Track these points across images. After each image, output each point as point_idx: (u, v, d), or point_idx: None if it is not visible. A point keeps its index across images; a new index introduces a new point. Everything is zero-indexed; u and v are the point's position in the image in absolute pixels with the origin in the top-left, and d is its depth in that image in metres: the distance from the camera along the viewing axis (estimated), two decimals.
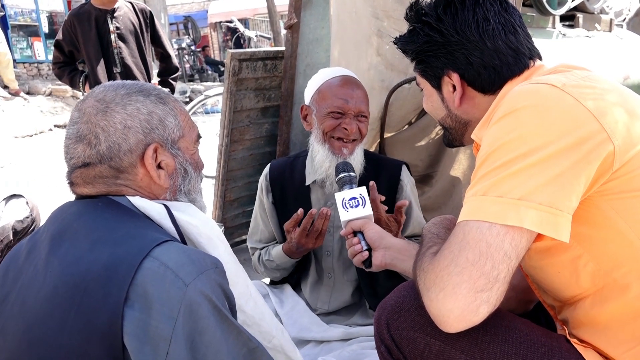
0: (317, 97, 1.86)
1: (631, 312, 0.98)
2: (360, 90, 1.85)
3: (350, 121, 1.80)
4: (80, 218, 1.00)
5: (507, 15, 1.19)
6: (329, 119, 1.80)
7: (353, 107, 1.80)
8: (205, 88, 11.31)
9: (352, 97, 1.80)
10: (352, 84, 1.85)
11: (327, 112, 1.80)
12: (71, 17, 3.44)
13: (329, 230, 1.90)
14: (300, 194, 1.94)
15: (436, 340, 1.07)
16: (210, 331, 0.88)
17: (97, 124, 1.02)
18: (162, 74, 3.75)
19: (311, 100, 1.88)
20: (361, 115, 1.83)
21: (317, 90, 1.87)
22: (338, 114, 1.80)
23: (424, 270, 0.99)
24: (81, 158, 1.03)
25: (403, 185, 1.93)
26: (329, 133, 1.81)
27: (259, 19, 19.46)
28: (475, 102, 1.23)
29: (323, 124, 1.81)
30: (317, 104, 1.85)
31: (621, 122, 0.96)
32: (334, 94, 1.81)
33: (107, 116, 1.02)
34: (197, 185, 1.17)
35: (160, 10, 13.55)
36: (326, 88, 1.84)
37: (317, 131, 1.84)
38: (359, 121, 1.82)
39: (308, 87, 1.93)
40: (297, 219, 1.74)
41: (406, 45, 1.28)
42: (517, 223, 0.90)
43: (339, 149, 1.80)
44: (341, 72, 1.90)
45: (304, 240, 1.75)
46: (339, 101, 1.79)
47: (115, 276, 0.88)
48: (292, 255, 1.86)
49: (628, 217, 0.96)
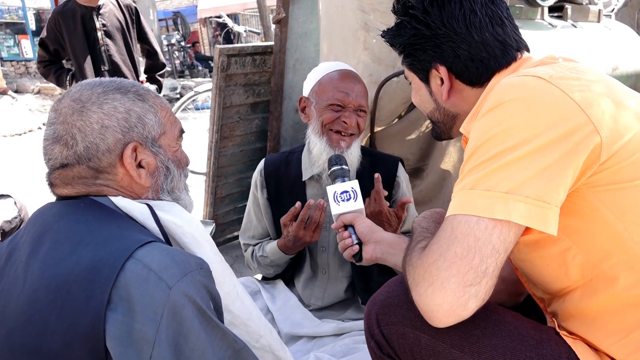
0: (318, 89, 1.86)
1: (619, 303, 0.98)
2: (361, 85, 1.86)
3: (350, 114, 1.80)
4: (61, 220, 0.98)
5: (494, 7, 1.19)
6: (329, 111, 1.81)
7: (353, 100, 1.80)
8: (195, 84, 11.26)
9: (352, 91, 1.81)
10: (353, 78, 1.86)
11: (327, 104, 1.81)
12: (55, 14, 3.39)
13: (325, 226, 1.90)
14: (296, 190, 1.93)
15: (426, 335, 1.07)
16: (194, 333, 0.87)
17: (74, 124, 1.00)
18: (149, 71, 3.72)
19: (311, 92, 1.88)
20: (360, 109, 1.83)
21: (318, 82, 1.87)
22: (338, 107, 1.80)
23: (413, 265, 0.98)
24: (59, 159, 1.01)
25: (399, 182, 1.95)
26: (328, 125, 1.81)
27: (249, 13, 19.37)
28: (463, 95, 1.23)
29: (322, 115, 1.81)
30: (317, 95, 1.85)
31: (608, 114, 0.95)
32: (335, 86, 1.82)
33: (83, 116, 1.00)
34: (180, 183, 1.14)
35: (149, 6, 13.44)
36: (327, 80, 1.85)
37: (316, 123, 1.84)
38: (358, 115, 1.83)
39: (308, 79, 1.93)
40: (294, 212, 1.74)
41: (393, 39, 1.27)
42: (505, 217, 0.90)
43: (337, 142, 1.81)
44: (343, 67, 1.91)
45: (302, 233, 1.74)
46: (340, 94, 1.80)
47: (98, 278, 0.86)
48: (288, 251, 1.85)
49: (615, 209, 0.95)
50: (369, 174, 1.84)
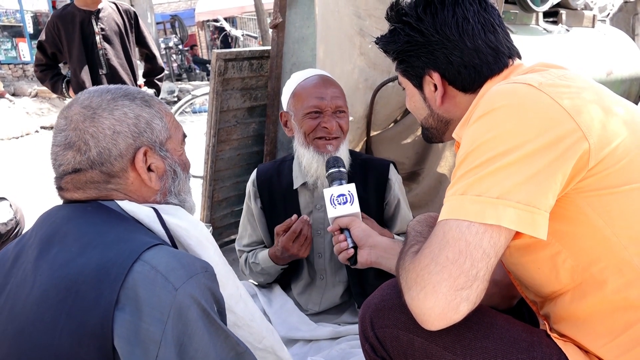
0: (293, 100, 1.85)
1: (608, 306, 1.00)
2: (334, 87, 1.84)
3: (329, 119, 1.79)
4: (70, 222, 1.00)
5: (487, 15, 1.20)
6: (308, 120, 1.79)
7: (329, 103, 1.79)
8: (193, 87, 11.27)
9: (327, 94, 1.79)
10: (325, 82, 1.84)
11: (304, 114, 1.80)
12: (54, 18, 3.40)
13: (319, 232, 1.91)
14: (289, 198, 1.94)
15: (419, 338, 1.08)
16: (198, 335, 0.89)
17: (86, 130, 1.02)
18: (147, 75, 3.73)
19: (288, 105, 1.88)
20: (339, 110, 1.82)
21: (292, 94, 1.86)
22: (315, 113, 1.79)
23: (406, 269, 1.00)
24: (71, 164, 1.03)
25: (391, 184, 1.94)
26: (311, 135, 1.80)
27: (247, 17, 19.39)
28: (456, 101, 1.24)
29: (303, 126, 1.80)
30: (294, 107, 1.84)
31: (596, 121, 0.97)
32: (309, 93, 1.80)
33: (95, 122, 1.03)
34: (186, 186, 1.18)
35: (146, 9, 13.47)
36: (300, 90, 1.84)
37: (299, 135, 1.83)
38: (338, 117, 1.81)
39: (283, 93, 1.93)
40: (289, 224, 1.75)
41: (387, 45, 1.29)
42: (495, 221, 0.91)
43: (324, 146, 1.80)
44: (313, 73, 1.90)
45: (290, 245, 1.75)
46: (315, 100, 1.79)
47: (107, 279, 0.88)
48: (278, 260, 1.86)
49: (604, 214, 0.97)
50: (360, 179, 1.84)
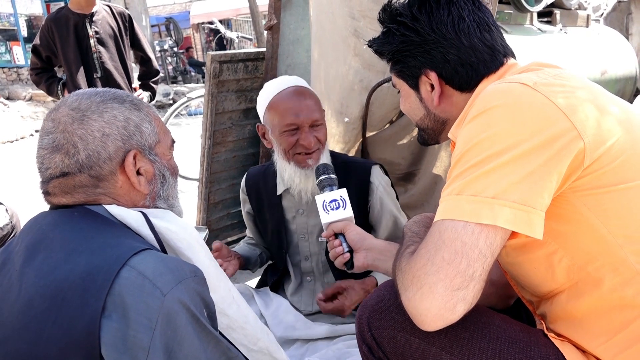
0: (268, 115, 1.82)
1: (605, 305, 1.00)
2: (309, 98, 1.81)
3: (306, 135, 1.76)
4: (56, 228, 0.99)
5: (481, 14, 1.21)
6: (285, 137, 1.78)
7: (305, 118, 1.76)
8: (188, 90, 11.25)
9: (302, 110, 1.76)
10: (299, 95, 1.80)
11: (281, 131, 1.77)
12: (48, 22, 3.39)
13: (304, 237, 1.94)
14: (273, 203, 1.97)
15: (416, 339, 1.08)
16: (188, 340, 0.88)
17: (74, 132, 1.00)
18: (142, 78, 3.72)
19: (264, 119, 1.85)
20: (315, 125, 1.79)
21: (267, 107, 1.82)
22: (292, 130, 1.77)
23: (402, 270, 1.00)
24: (59, 168, 1.01)
25: (374, 188, 1.91)
26: (290, 151, 1.79)
27: (242, 19, 19.39)
28: (453, 101, 1.24)
29: (281, 144, 1.79)
30: (270, 122, 1.82)
31: (591, 120, 0.97)
32: (284, 109, 1.77)
33: (84, 125, 1.01)
34: (174, 191, 1.17)
35: (141, 12, 13.45)
36: (275, 104, 1.80)
37: (278, 149, 1.82)
38: (315, 131, 1.79)
39: (258, 104, 1.89)
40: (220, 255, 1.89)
41: (382, 47, 1.29)
42: (491, 221, 0.91)
43: (304, 161, 1.79)
44: (287, 84, 1.85)
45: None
46: (290, 117, 1.75)
47: (93, 286, 0.87)
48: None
49: (599, 213, 0.97)
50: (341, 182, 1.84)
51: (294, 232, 1.96)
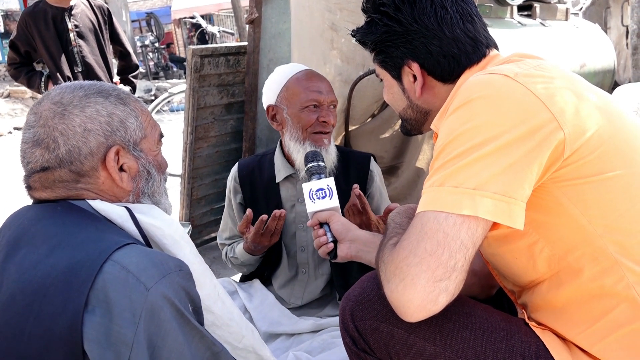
0: (286, 94, 1.84)
1: (584, 294, 1.01)
2: (326, 81, 1.88)
3: (326, 113, 1.81)
4: (39, 223, 0.97)
5: (464, 5, 1.21)
6: (307, 113, 1.80)
7: (327, 97, 1.82)
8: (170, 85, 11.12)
9: (323, 88, 1.82)
10: (319, 76, 1.87)
11: (302, 107, 1.80)
12: (25, 16, 3.32)
13: (302, 226, 1.92)
14: (270, 192, 1.94)
15: (399, 329, 1.08)
16: (172, 335, 0.87)
17: (55, 127, 0.99)
18: (122, 72, 3.67)
19: (278, 99, 1.86)
20: (333, 105, 1.85)
21: (285, 87, 1.85)
22: (314, 107, 1.80)
23: (385, 262, 1.00)
24: (39, 162, 1.00)
25: (373, 176, 1.96)
26: (309, 129, 1.80)
27: (224, 14, 19.22)
28: (435, 92, 1.24)
29: (301, 120, 1.80)
30: (288, 101, 1.83)
31: (571, 111, 0.98)
32: (306, 87, 1.81)
33: (65, 119, 0.99)
34: (160, 187, 1.14)
35: (121, 7, 13.27)
36: (295, 83, 1.83)
37: (293, 130, 1.82)
38: (332, 112, 1.85)
39: (269, 87, 1.90)
40: (247, 220, 1.77)
41: (365, 37, 1.28)
42: (472, 212, 0.92)
43: (321, 140, 1.81)
44: (303, 67, 1.91)
45: (259, 239, 1.78)
46: (313, 94, 1.80)
47: (75, 281, 0.86)
48: (253, 252, 1.88)
49: (579, 203, 0.98)
50: (341, 172, 1.85)
51: (291, 222, 1.93)
